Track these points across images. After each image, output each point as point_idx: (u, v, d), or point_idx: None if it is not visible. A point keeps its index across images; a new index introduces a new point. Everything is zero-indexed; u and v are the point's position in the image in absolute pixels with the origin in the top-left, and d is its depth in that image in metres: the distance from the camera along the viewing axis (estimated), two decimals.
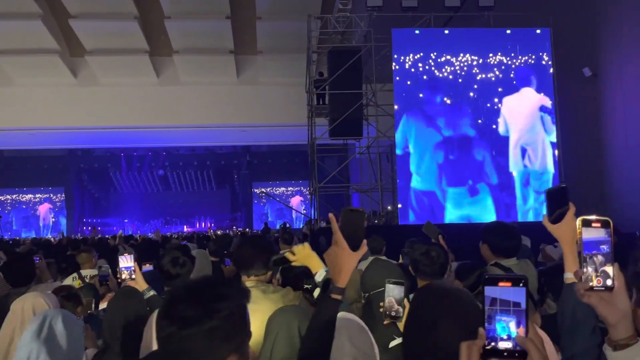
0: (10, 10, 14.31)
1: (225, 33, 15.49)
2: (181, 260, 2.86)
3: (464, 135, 11.46)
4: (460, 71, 11.52)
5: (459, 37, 11.72)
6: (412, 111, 11.50)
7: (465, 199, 11.24)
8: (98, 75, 16.48)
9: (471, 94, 11.55)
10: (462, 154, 11.41)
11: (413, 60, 11.48)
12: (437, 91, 11.51)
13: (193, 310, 1.16)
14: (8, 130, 17.49)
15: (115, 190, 29.22)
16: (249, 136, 20.79)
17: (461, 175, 11.33)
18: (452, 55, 11.50)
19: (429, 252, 2.88)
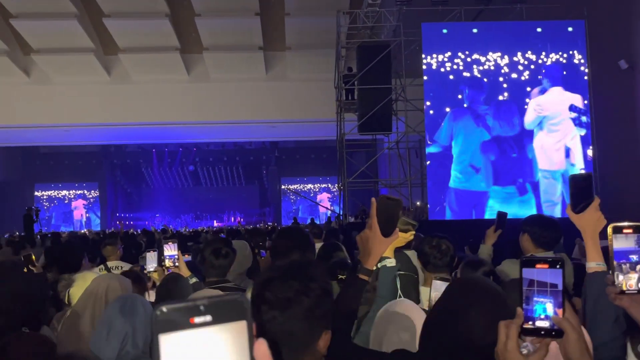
0: (48, 10, 14.74)
1: (254, 30, 15.64)
2: (223, 251, 2.93)
3: (507, 134, 11.29)
4: (492, 69, 11.35)
5: (488, 33, 11.53)
6: (455, 110, 11.37)
7: (514, 198, 11.10)
8: (131, 72, 16.83)
9: (505, 94, 11.38)
10: (506, 153, 11.26)
11: (443, 56, 11.35)
12: (473, 90, 11.38)
13: (291, 291, 1.20)
14: (45, 127, 18.01)
15: (147, 186, 29.80)
16: (278, 132, 20.95)
17: (506, 174, 11.19)
18: (482, 54, 11.32)
19: (439, 245, 2.88)
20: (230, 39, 15.82)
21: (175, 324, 0.47)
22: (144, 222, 25.61)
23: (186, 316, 0.48)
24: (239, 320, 0.49)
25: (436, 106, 11.37)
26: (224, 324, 0.48)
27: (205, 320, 0.48)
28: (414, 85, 12.21)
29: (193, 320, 0.47)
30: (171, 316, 0.47)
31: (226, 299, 0.49)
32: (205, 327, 0.48)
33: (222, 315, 0.48)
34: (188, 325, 0.47)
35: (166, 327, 0.47)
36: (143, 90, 16.91)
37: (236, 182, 30.01)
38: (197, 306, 0.48)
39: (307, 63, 16.41)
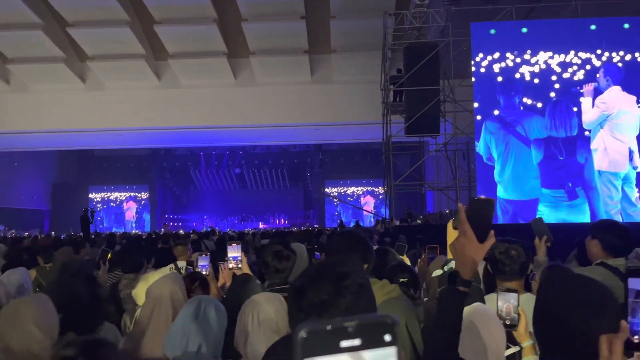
0: (102, 18, 15.29)
1: (300, 33, 15.73)
2: (285, 253, 2.91)
3: (559, 135, 10.92)
4: (542, 69, 11.00)
5: (539, 32, 11.17)
6: (492, 117, 11.09)
7: (563, 202, 10.71)
8: (180, 77, 17.24)
9: (552, 94, 11.00)
10: (555, 157, 10.90)
11: (492, 56, 11.09)
12: (520, 92, 11.06)
13: (325, 294, 1.16)
14: (99, 131, 18.67)
15: (195, 188, 30.46)
16: (322, 135, 21.00)
17: (557, 179, 10.82)
18: (533, 54, 10.98)
19: (509, 251, 2.77)
20: (276, 43, 15.97)
21: (321, 347, 0.44)
22: (192, 224, 26.17)
23: (333, 339, 0.44)
24: (389, 345, 0.45)
25: (485, 108, 11.12)
26: (373, 350, 0.44)
27: (354, 345, 0.44)
28: (462, 86, 11.99)
29: (341, 344, 0.44)
30: (317, 339, 0.44)
31: (376, 320, 0.46)
32: (353, 352, 0.44)
33: (371, 339, 0.45)
34: (335, 349, 0.44)
35: (311, 351, 0.44)
36: (191, 94, 17.29)
37: (281, 184, 30.26)
38: (345, 328, 0.45)
39: (353, 65, 16.38)
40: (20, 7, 14.61)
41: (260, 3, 14.88)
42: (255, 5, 15.02)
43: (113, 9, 15.03)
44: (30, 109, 17.27)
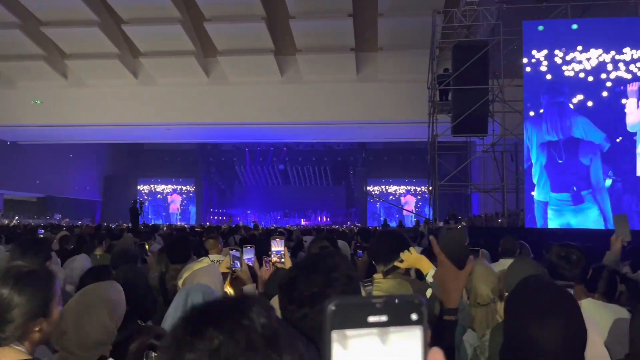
0: (154, 16, 15.73)
1: (347, 31, 15.71)
2: (330, 249, 2.95)
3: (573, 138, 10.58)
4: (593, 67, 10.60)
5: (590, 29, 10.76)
6: (533, 118, 10.78)
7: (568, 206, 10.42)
8: (227, 74, 17.54)
9: (604, 93, 10.58)
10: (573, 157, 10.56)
11: (540, 54, 10.76)
12: (569, 90, 10.70)
13: (316, 286, 1.19)
14: (149, 126, 19.23)
15: (239, 183, 30.96)
16: (366, 133, 20.93)
17: (566, 181, 10.49)
18: (586, 51, 10.58)
19: (569, 255, 2.69)
20: (323, 41, 16.02)
21: (349, 321, 0.45)
22: (236, 218, 26.61)
23: (362, 314, 0.45)
24: (415, 324, 0.46)
25: (535, 108, 10.81)
26: (399, 327, 0.46)
27: (381, 320, 0.45)
28: (512, 85, 11.71)
29: (368, 319, 0.45)
30: (345, 312, 0.45)
31: (404, 299, 0.47)
32: (380, 327, 0.45)
33: (398, 317, 0.46)
34: (363, 323, 0.45)
35: (339, 324, 0.45)
36: (238, 91, 17.56)
37: (324, 182, 30.37)
38: (373, 304, 0.46)
39: (399, 64, 16.24)
40: (79, 4, 15.20)
41: (308, 1, 14.95)
42: (303, 3, 15.10)
43: (165, 7, 15.44)
44: (85, 103, 17.96)
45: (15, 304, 1.51)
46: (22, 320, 1.51)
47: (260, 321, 0.63)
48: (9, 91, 18.15)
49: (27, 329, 1.53)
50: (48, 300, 1.58)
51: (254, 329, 0.62)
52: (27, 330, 1.53)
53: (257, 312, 0.64)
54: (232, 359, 0.60)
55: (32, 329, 1.54)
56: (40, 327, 1.56)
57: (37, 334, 1.56)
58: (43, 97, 17.99)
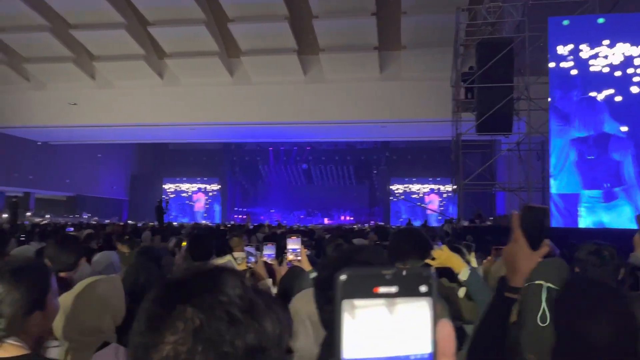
0: (179, 17, 15.94)
1: (370, 30, 15.67)
2: (345, 247, 2.97)
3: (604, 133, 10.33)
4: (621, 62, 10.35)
5: (617, 24, 10.52)
6: (560, 114, 10.59)
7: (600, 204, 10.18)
8: (251, 74, 17.67)
9: (634, 89, 10.33)
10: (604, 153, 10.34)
11: (565, 49, 10.56)
12: (595, 85, 10.48)
13: None
14: (174, 126, 19.49)
15: (263, 182, 31.16)
16: (389, 132, 20.84)
17: (597, 178, 10.26)
18: (612, 46, 10.35)
19: (600, 251, 2.61)
20: (346, 40, 16.00)
21: (359, 291, 0.46)
22: (260, 217, 26.79)
23: (371, 284, 0.46)
24: (424, 296, 0.47)
25: (562, 104, 10.62)
26: (408, 298, 0.46)
27: (390, 291, 0.46)
28: (538, 83, 11.52)
29: (377, 290, 0.46)
30: (356, 282, 0.46)
31: (413, 272, 0.48)
32: (389, 298, 0.46)
33: (407, 289, 0.47)
34: (372, 294, 0.46)
35: (350, 293, 0.46)
36: (262, 91, 17.67)
37: (347, 181, 30.35)
38: (383, 275, 0.47)
39: (423, 62, 16.13)
40: (106, 7, 15.50)
41: (331, 0, 14.96)
42: (326, 2, 15.11)
43: (190, 8, 15.63)
44: (112, 103, 18.31)
45: (10, 298, 1.50)
46: (19, 314, 1.50)
47: (237, 293, 0.65)
48: (40, 93, 18.62)
49: (24, 323, 1.52)
50: (44, 293, 1.58)
51: (233, 303, 0.64)
52: (25, 324, 1.52)
53: (232, 285, 0.65)
54: (216, 336, 0.61)
55: (30, 323, 1.53)
56: (38, 321, 1.55)
57: (34, 327, 1.55)
58: (72, 99, 18.40)
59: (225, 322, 0.62)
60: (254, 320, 0.64)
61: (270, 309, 0.68)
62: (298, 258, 2.94)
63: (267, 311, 0.67)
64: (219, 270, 0.68)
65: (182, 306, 0.63)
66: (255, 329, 0.64)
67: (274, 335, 0.66)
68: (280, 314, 0.69)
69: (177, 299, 0.64)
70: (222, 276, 0.67)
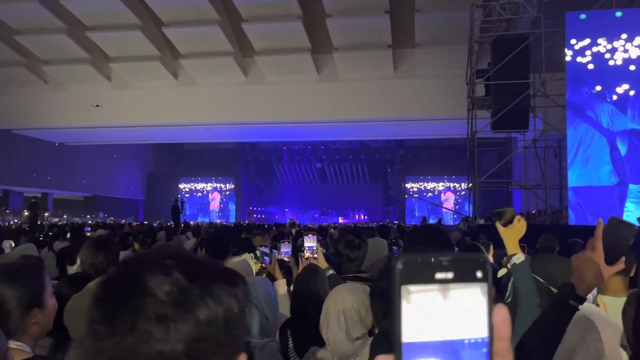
0: (193, 18, 16.05)
1: (384, 28, 15.62)
2: (356, 242, 2.99)
3: None
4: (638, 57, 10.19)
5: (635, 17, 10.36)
6: (575, 104, 10.46)
7: None
8: (265, 74, 17.72)
9: None
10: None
11: (582, 43, 10.41)
12: (613, 79, 10.33)
13: None
14: (189, 126, 19.64)
15: (278, 181, 31.25)
16: (404, 130, 20.76)
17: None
18: (629, 39, 10.19)
19: None
20: (360, 38, 15.97)
21: (417, 277, 0.47)
22: (274, 216, 26.87)
23: (429, 270, 0.47)
24: (480, 282, 0.47)
25: (574, 98, 10.49)
26: (465, 284, 0.47)
27: (447, 277, 0.47)
28: (554, 80, 11.39)
29: (435, 276, 0.47)
30: (414, 269, 0.47)
31: (469, 258, 0.48)
32: (447, 284, 0.47)
33: (463, 275, 0.47)
34: (430, 279, 0.47)
35: (409, 279, 0.47)
36: (276, 90, 17.72)
37: (361, 179, 30.31)
38: (440, 262, 0.47)
39: (437, 60, 16.04)
40: (122, 9, 15.66)
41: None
42: (340, 1, 15.09)
43: (204, 9, 15.72)
44: (128, 104, 18.50)
45: (8, 297, 1.50)
46: (18, 311, 1.50)
47: (165, 290, 0.63)
48: (57, 94, 18.88)
49: (24, 321, 1.52)
50: (41, 290, 1.58)
51: (160, 301, 0.62)
52: (25, 322, 1.53)
53: (157, 282, 0.63)
54: (149, 334, 0.61)
55: (29, 321, 1.54)
56: (37, 319, 1.55)
57: (34, 326, 1.55)
58: (89, 100, 18.63)
59: (154, 323, 0.61)
60: (187, 312, 0.62)
61: (209, 291, 0.65)
62: (315, 256, 2.96)
63: (203, 297, 0.64)
64: (142, 270, 0.65)
65: (113, 312, 0.63)
66: (190, 321, 0.62)
67: (215, 319, 0.64)
68: (225, 291, 0.66)
69: (109, 304, 0.64)
70: (146, 276, 0.64)
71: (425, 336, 0.46)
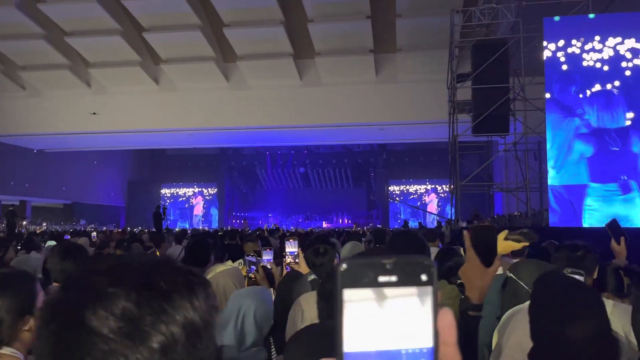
0: (174, 23, 15.95)
1: (365, 33, 15.71)
2: (321, 249, 2.99)
3: (614, 126, 10.36)
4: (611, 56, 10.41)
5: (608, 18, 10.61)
6: (551, 104, 10.64)
7: (617, 196, 10.16)
8: (247, 78, 17.68)
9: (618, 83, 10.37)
10: (612, 146, 10.33)
11: (555, 45, 10.60)
12: (587, 80, 10.52)
13: None
14: (171, 131, 19.50)
15: (261, 186, 31.15)
16: (387, 134, 20.87)
17: (610, 170, 10.25)
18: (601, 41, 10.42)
19: (576, 249, 2.67)
20: (342, 43, 16.03)
21: (359, 280, 0.46)
22: (258, 221, 26.77)
23: (371, 273, 0.46)
24: (425, 285, 0.46)
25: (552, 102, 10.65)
26: (409, 287, 0.46)
27: (391, 280, 0.46)
28: (533, 84, 11.56)
29: (378, 279, 0.46)
30: (356, 271, 0.46)
31: (413, 260, 0.47)
32: (390, 287, 0.46)
33: (407, 277, 0.46)
34: (373, 283, 0.46)
35: (350, 283, 0.46)
36: (258, 95, 17.69)
37: (344, 184, 30.37)
38: (383, 264, 0.46)
39: (418, 64, 16.18)
40: (101, 14, 15.50)
41: (326, 3, 14.98)
42: (321, 6, 15.14)
43: (185, 14, 15.64)
44: (109, 110, 18.30)
45: (1, 304, 1.53)
46: (11, 318, 1.53)
47: (110, 326, 0.57)
48: (35, 100, 18.60)
49: (17, 328, 1.55)
50: (32, 298, 1.60)
51: (107, 339, 0.57)
52: (18, 329, 1.55)
53: (101, 319, 0.58)
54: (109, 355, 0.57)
55: (22, 328, 1.56)
56: (29, 327, 1.58)
57: (27, 333, 1.58)
58: (68, 106, 18.40)
59: (106, 350, 0.56)
60: (139, 344, 0.56)
61: (161, 313, 0.59)
62: (296, 261, 2.95)
63: (155, 323, 0.58)
64: (82, 306, 0.58)
65: (58, 351, 0.58)
66: (143, 352, 0.57)
67: (173, 342, 0.58)
68: (181, 306, 0.60)
69: (53, 341, 0.58)
70: (87, 315, 0.57)
71: (369, 345, 0.45)
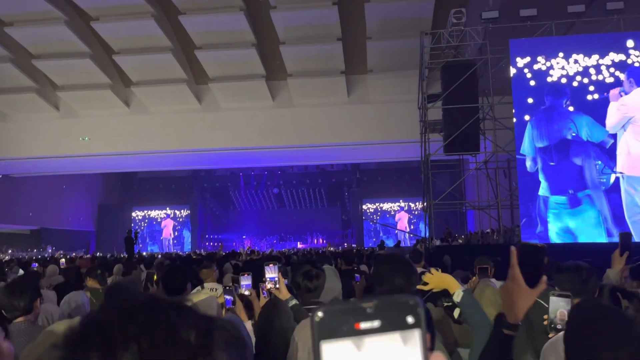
0: (145, 45, 15.85)
1: (337, 55, 15.90)
2: (314, 272, 2.96)
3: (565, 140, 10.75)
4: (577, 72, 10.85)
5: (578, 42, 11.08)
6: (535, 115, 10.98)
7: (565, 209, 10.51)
8: (220, 100, 17.64)
9: (589, 97, 10.78)
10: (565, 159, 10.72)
11: (523, 61, 10.99)
12: (552, 95, 10.90)
13: None
14: (142, 154, 19.21)
15: (235, 208, 30.88)
16: (360, 154, 21.02)
17: (561, 184, 10.60)
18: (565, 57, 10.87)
19: (580, 270, 2.68)
20: (313, 65, 16.18)
21: (338, 330, 0.41)
22: (232, 243, 26.46)
23: (351, 320, 0.42)
24: (411, 328, 0.42)
25: (521, 117, 10.97)
26: (394, 332, 0.42)
27: (373, 327, 0.42)
28: (502, 103, 11.86)
29: (359, 326, 0.42)
30: (334, 320, 0.42)
31: (397, 301, 0.43)
32: (373, 335, 0.42)
33: (392, 321, 0.42)
34: (353, 331, 0.41)
35: (328, 334, 0.41)
36: (231, 117, 17.64)
37: (319, 203, 30.37)
38: (363, 309, 0.42)
39: (389, 85, 16.42)
40: (70, 37, 15.32)
41: (298, 26, 15.14)
42: (293, 29, 15.29)
43: (156, 36, 15.58)
44: (78, 133, 17.96)
45: None
46: None
47: None
48: (1, 124, 18.15)
49: None
50: None
51: None
52: None
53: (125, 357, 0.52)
54: None
55: None
56: None
57: None
58: (35, 129, 17.99)
59: None
60: None
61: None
62: (277, 287, 2.89)
63: None
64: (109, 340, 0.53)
65: None
66: None
67: None
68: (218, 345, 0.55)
69: None
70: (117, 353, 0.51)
71: None
